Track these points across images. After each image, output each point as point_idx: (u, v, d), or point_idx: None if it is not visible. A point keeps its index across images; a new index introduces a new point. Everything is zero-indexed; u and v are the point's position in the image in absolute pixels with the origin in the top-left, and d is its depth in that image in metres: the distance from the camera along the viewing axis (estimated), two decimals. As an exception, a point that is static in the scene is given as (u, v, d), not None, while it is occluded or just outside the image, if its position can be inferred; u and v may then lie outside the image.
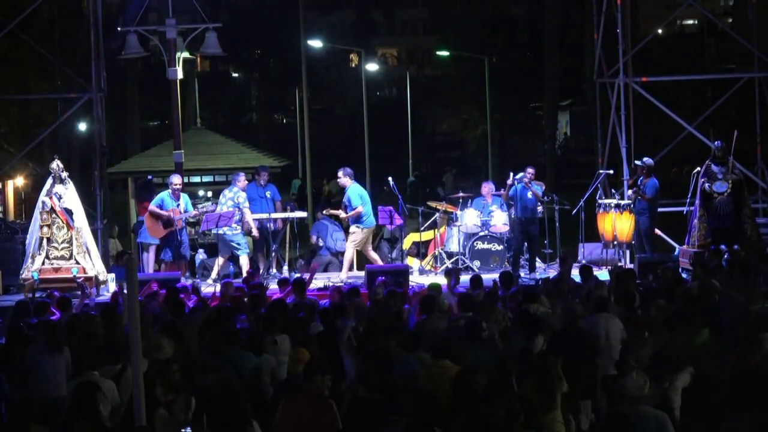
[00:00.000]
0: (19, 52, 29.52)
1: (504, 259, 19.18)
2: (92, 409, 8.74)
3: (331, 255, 20.90)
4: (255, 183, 19.34)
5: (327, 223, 21.34)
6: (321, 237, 20.95)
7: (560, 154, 49.70)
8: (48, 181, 17.61)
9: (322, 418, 8.94)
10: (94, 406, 8.79)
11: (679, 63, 38.94)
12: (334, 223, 21.57)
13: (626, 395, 8.99)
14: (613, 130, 21.37)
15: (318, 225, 21.23)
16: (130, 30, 18.66)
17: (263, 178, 19.30)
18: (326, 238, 20.97)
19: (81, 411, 8.80)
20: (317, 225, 21.17)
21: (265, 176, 19.39)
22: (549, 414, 9.48)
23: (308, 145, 32.58)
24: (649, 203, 18.84)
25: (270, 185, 19.45)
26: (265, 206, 19.01)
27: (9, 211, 31.07)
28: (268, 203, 19.07)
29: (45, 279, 17.13)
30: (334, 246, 21.05)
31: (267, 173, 19.60)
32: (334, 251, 20.94)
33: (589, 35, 26.35)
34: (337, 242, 21.03)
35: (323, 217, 21.32)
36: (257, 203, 19.05)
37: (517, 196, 18.83)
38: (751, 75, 22.27)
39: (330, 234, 21.09)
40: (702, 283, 13.45)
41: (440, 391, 9.40)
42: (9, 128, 34.43)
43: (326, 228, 21.20)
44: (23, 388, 10.90)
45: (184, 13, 21.65)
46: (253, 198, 19.09)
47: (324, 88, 54.52)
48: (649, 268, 16.28)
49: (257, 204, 19.03)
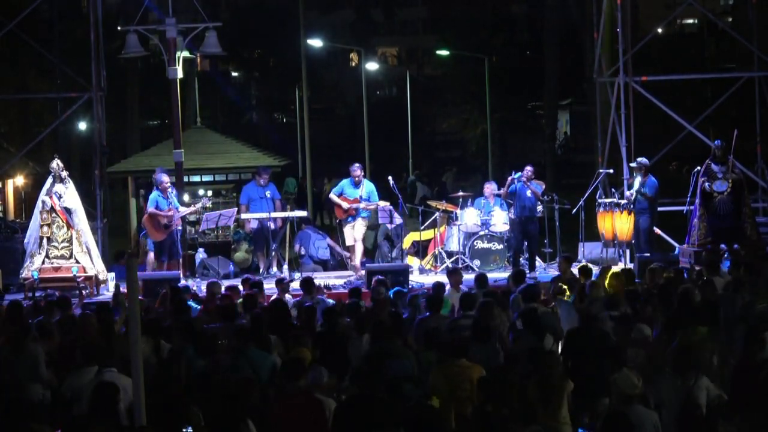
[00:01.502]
0: (19, 52, 29.53)
1: (504, 258, 19.18)
2: (112, 411, 8.70)
3: (313, 263, 20.91)
4: (255, 183, 19.38)
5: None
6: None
7: (560, 154, 49.65)
8: (48, 180, 17.61)
9: (312, 417, 8.96)
10: (114, 407, 8.76)
11: (679, 62, 38.97)
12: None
13: (619, 395, 8.98)
14: (613, 129, 21.37)
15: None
16: (130, 29, 18.64)
17: (264, 178, 19.34)
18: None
19: (100, 412, 8.76)
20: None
21: (266, 176, 19.43)
22: (554, 413, 9.48)
23: (308, 145, 32.58)
24: (650, 202, 18.84)
25: (270, 185, 19.48)
26: (265, 206, 19.05)
27: (9, 210, 31.08)
28: (268, 203, 19.11)
29: (45, 278, 17.14)
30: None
31: (268, 173, 19.65)
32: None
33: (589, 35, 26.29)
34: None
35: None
36: (257, 203, 19.12)
37: (517, 194, 18.84)
38: (751, 75, 22.26)
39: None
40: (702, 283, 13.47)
41: (458, 391, 9.42)
42: (9, 128, 34.46)
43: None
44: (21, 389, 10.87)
45: (184, 13, 21.64)
46: (253, 198, 19.15)
47: (324, 87, 54.50)
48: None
49: (257, 204, 19.10)
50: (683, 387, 9.51)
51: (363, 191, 19.02)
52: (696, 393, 9.60)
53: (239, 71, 58.02)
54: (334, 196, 19.24)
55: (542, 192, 19.10)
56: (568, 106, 54.67)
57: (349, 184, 19.23)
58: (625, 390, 8.90)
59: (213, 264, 19.78)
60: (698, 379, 9.69)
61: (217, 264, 19.76)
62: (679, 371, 9.62)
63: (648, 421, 8.93)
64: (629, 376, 8.95)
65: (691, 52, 47.25)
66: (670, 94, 28.10)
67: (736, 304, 12.51)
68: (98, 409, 8.77)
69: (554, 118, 44.46)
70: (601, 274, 14.95)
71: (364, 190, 19.06)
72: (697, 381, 9.66)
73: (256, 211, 18.97)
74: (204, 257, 20.21)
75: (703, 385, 9.70)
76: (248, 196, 19.29)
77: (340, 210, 19.23)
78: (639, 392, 8.95)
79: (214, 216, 18.84)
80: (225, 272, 19.48)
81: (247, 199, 19.30)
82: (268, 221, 18.82)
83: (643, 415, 8.94)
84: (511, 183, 18.87)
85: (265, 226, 18.89)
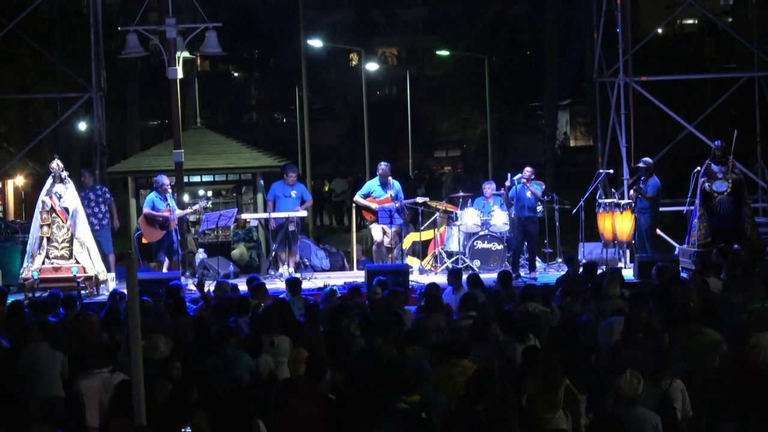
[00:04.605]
0: (19, 52, 29.54)
1: (504, 258, 19.17)
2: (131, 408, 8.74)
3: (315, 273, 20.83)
4: (283, 181, 19.15)
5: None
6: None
7: (560, 154, 49.66)
8: (48, 180, 17.61)
9: (323, 415, 8.97)
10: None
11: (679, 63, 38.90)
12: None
13: (621, 396, 8.99)
14: (613, 129, 21.37)
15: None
16: (130, 29, 18.65)
17: (291, 177, 19.13)
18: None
19: (120, 410, 8.79)
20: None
21: (293, 175, 19.21)
22: (552, 412, 9.51)
23: (308, 145, 32.56)
24: (651, 202, 18.83)
25: (298, 184, 19.30)
26: (289, 204, 18.85)
27: (9, 210, 31.09)
28: (294, 202, 18.92)
29: (45, 278, 17.14)
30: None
31: (295, 172, 19.42)
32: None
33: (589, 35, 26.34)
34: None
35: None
36: (282, 201, 18.91)
37: (516, 195, 18.81)
38: (751, 75, 22.27)
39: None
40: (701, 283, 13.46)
41: (459, 391, 9.44)
42: (9, 128, 34.45)
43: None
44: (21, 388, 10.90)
45: (184, 13, 21.66)
46: (279, 196, 19.00)
47: (324, 87, 54.45)
48: (649, 268, 16.25)
49: (282, 202, 18.86)
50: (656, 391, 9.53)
51: (392, 191, 18.93)
52: (671, 395, 9.62)
53: (239, 71, 57.97)
54: (361, 199, 19.00)
55: (542, 192, 19.09)
56: (568, 107, 54.70)
57: (376, 184, 19.05)
58: (627, 392, 8.91)
59: (213, 264, 19.77)
60: (673, 381, 9.70)
61: (217, 264, 19.75)
62: (655, 372, 9.65)
63: (649, 423, 8.94)
64: (631, 378, 8.96)
65: (691, 52, 47.19)
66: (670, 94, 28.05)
67: (732, 305, 12.52)
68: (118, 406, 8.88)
69: (554, 118, 44.45)
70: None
71: (393, 189, 18.98)
72: (672, 383, 9.68)
73: (281, 209, 18.83)
74: (204, 257, 20.21)
75: (678, 387, 9.71)
76: (274, 193, 19.09)
77: (370, 212, 19.09)
78: (640, 394, 8.96)
79: (215, 216, 18.82)
80: (225, 272, 19.46)
81: (273, 197, 19.09)
82: (287, 221, 18.62)
83: (644, 416, 8.95)
84: (510, 187, 18.74)
85: (282, 225, 18.73)
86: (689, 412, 9.73)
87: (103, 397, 9.80)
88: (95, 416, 9.93)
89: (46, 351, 11.15)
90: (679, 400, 9.67)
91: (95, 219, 18.72)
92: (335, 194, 39.22)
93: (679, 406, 9.65)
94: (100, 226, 18.76)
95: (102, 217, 18.93)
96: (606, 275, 14.85)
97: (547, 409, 9.48)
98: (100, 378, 10.04)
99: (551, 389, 9.51)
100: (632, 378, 8.95)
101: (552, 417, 9.48)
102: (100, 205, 18.96)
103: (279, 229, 18.82)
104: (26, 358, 11.14)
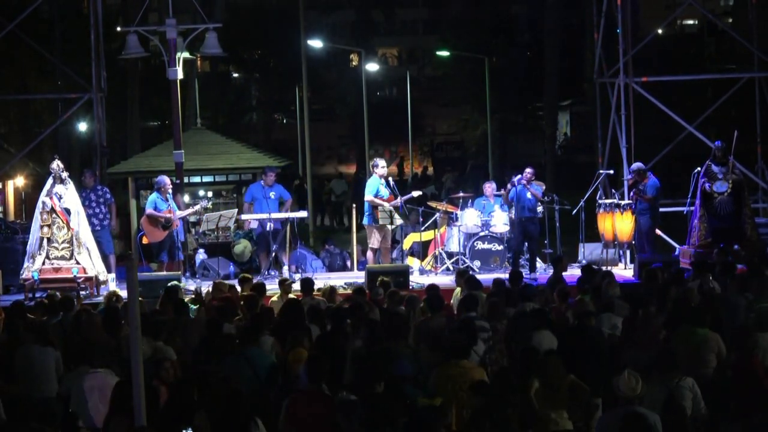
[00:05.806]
0: (19, 52, 29.54)
1: (504, 259, 19.16)
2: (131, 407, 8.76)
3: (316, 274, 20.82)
4: (261, 183, 19.35)
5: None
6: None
7: (560, 154, 49.62)
8: (48, 181, 17.60)
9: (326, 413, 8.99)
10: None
11: (679, 63, 38.93)
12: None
13: (619, 396, 8.98)
14: (613, 130, 21.37)
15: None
16: (131, 30, 18.65)
17: (269, 179, 19.31)
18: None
19: (121, 408, 8.82)
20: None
21: (272, 176, 19.41)
22: (555, 412, 9.50)
23: (308, 145, 32.57)
24: (650, 203, 18.84)
25: (276, 185, 19.44)
26: (267, 206, 19.01)
27: (9, 211, 31.06)
28: (272, 203, 19.07)
29: (45, 279, 17.13)
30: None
31: (274, 174, 19.63)
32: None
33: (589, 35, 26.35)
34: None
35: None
36: (261, 203, 19.08)
37: (517, 196, 18.80)
38: (751, 75, 22.28)
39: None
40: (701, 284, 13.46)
41: (460, 392, 9.44)
42: (9, 128, 34.45)
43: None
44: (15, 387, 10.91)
45: (184, 13, 21.66)
46: (257, 197, 19.15)
47: (324, 87, 54.47)
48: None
49: (261, 203, 19.08)
50: (666, 387, 9.52)
51: (393, 189, 18.94)
52: (680, 393, 9.60)
53: (239, 72, 57.97)
54: (374, 198, 18.95)
55: (542, 193, 19.08)
56: (568, 107, 54.66)
57: (380, 183, 19.02)
58: (626, 392, 8.90)
59: (213, 264, 19.77)
60: (681, 380, 9.68)
61: (217, 264, 19.75)
62: (662, 371, 9.63)
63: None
64: (629, 378, 8.95)
65: (691, 53, 47.23)
66: (671, 94, 28.09)
67: (739, 304, 12.50)
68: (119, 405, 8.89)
69: (554, 118, 44.45)
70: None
71: (392, 187, 19.00)
72: (680, 381, 9.66)
73: (259, 210, 18.96)
74: (204, 258, 20.21)
75: (687, 386, 9.69)
76: (252, 195, 19.33)
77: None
78: (639, 394, 8.95)
79: (215, 216, 18.84)
80: (225, 272, 19.47)
81: (251, 198, 19.32)
82: (268, 221, 18.78)
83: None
84: (511, 188, 18.71)
85: (265, 226, 18.87)
86: (702, 409, 9.69)
87: (104, 396, 9.79)
88: (95, 416, 9.92)
89: (39, 351, 11.15)
90: (688, 398, 9.62)
91: (96, 219, 18.74)
92: (335, 195, 39.20)
93: (689, 404, 9.60)
94: (100, 227, 18.78)
95: (103, 217, 18.94)
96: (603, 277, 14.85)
97: (551, 410, 9.48)
98: (100, 377, 10.04)
99: (554, 389, 9.51)
100: (630, 378, 8.94)
101: (555, 417, 9.48)
102: (101, 206, 18.97)
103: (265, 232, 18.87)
104: (21, 358, 11.14)
